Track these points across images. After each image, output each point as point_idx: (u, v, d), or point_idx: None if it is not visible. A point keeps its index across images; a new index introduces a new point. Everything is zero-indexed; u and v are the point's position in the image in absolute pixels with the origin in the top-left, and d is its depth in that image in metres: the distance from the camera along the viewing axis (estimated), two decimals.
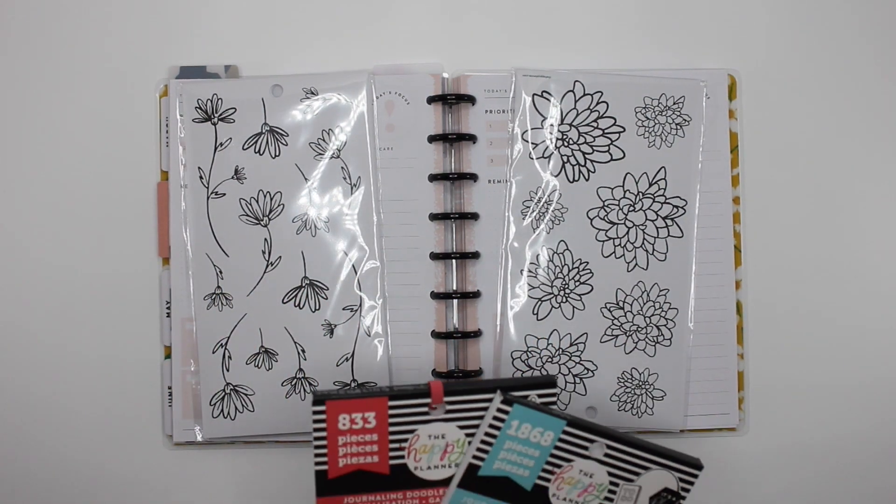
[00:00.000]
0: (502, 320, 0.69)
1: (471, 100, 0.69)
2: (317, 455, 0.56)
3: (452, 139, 0.69)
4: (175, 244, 0.69)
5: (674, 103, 0.69)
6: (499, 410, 0.57)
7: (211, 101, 0.69)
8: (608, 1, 0.71)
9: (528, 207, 0.69)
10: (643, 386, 0.69)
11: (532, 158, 0.69)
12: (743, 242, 0.70)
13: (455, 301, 0.69)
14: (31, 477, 0.69)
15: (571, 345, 0.68)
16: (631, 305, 0.69)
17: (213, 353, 0.68)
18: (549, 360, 0.68)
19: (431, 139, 0.69)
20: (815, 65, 0.71)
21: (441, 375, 0.68)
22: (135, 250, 0.70)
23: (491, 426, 0.57)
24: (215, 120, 0.68)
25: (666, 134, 0.69)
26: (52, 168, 0.70)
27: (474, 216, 0.69)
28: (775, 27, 0.71)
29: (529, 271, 0.69)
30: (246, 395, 0.68)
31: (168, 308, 0.69)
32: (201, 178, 0.69)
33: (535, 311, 0.69)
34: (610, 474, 0.59)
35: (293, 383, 0.68)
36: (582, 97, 0.69)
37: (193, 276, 0.68)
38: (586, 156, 0.69)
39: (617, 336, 0.69)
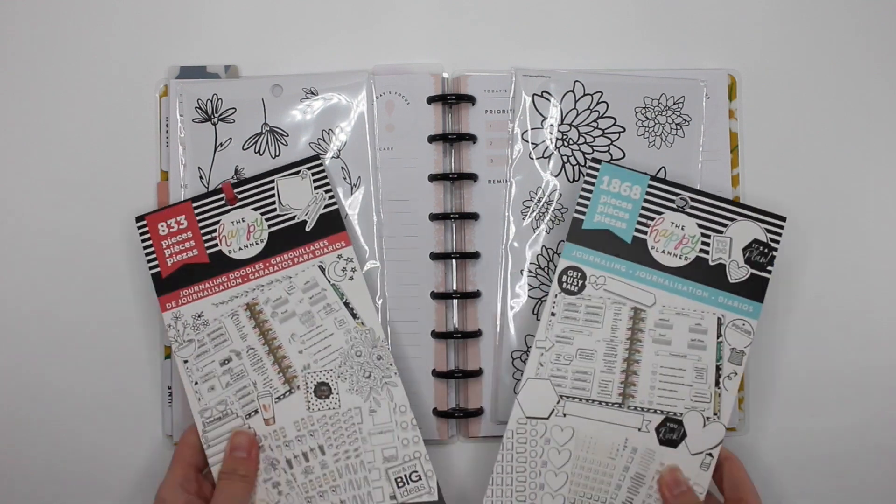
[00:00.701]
0: (502, 320, 0.69)
1: (471, 100, 0.69)
2: (149, 262, 0.65)
3: (452, 139, 0.69)
4: None
5: (674, 103, 0.69)
6: (590, 168, 0.64)
7: (211, 102, 0.69)
8: (608, 1, 0.71)
9: (528, 207, 0.69)
10: None
11: (532, 158, 0.69)
12: None
13: (455, 301, 0.69)
14: (31, 476, 0.69)
15: None
16: None
17: None
18: None
19: (431, 139, 0.69)
20: (814, 65, 0.71)
21: (441, 375, 0.68)
22: (135, 250, 0.70)
23: (586, 183, 0.64)
24: (215, 120, 0.68)
25: (666, 134, 0.69)
26: (53, 168, 0.70)
27: (474, 216, 0.69)
28: (775, 27, 0.71)
29: (529, 271, 0.69)
30: None
31: None
32: (201, 178, 0.69)
33: (536, 311, 0.69)
34: (700, 226, 0.63)
35: None
36: (582, 97, 0.69)
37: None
38: (586, 156, 0.69)
39: None
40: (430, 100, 0.69)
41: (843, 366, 0.71)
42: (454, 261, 0.69)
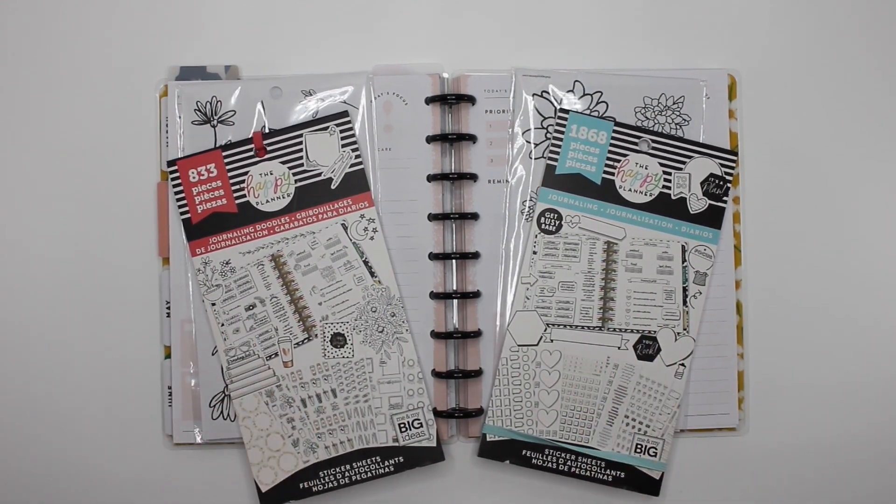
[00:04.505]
0: (502, 320, 0.69)
1: (471, 100, 0.69)
2: (180, 207, 0.68)
3: (452, 139, 0.69)
4: (175, 244, 0.69)
5: (674, 103, 0.69)
6: (559, 118, 0.68)
7: (210, 104, 0.68)
8: (608, 1, 0.71)
9: (528, 207, 0.69)
10: None
11: (532, 158, 0.69)
12: (743, 242, 0.70)
13: (455, 301, 0.69)
14: (31, 476, 0.70)
15: None
16: None
17: (213, 355, 0.68)
18: None
19: (430, 139, 0.69)
20: (815, 65, 0.71)
21: (441, 375, 0.68)
22: (135, 250, 0.70)
23: (556, 132, 0.68)
24: (215, 122, 0.68)
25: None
26: (53, 168, 0.70)
27: (474, 216, 0.69)
28: (775, 27, 0.71)
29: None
30: None
31: (168, 308, 0.69)
32: None
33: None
34: (661, 165, 0.68)
35: None
36: (582, 97, 0.69)
37: (192, 277, 0.68)
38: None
39: None
40: (429, 100, 0.69)
41: (843, 367, 0.71)
42: (454, 261, 0.69)
